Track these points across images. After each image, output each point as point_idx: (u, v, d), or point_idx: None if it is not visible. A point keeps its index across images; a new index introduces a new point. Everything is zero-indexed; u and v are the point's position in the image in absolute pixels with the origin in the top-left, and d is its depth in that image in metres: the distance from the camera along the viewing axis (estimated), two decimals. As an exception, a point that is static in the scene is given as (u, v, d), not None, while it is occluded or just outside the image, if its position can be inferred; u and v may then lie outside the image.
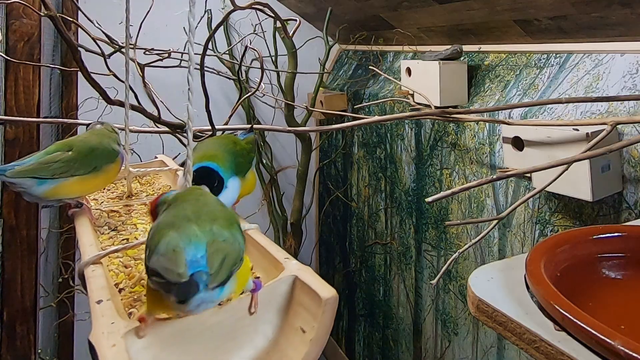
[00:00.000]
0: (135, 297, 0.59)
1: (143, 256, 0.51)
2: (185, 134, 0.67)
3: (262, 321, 0.53)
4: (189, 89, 0.60)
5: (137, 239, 0.69)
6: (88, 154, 0.75)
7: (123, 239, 0.71)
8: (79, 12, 1.64)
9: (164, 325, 0.50)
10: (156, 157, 1.11)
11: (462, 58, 1.32)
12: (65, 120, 1.50)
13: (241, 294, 0.53)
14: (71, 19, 1.42)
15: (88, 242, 0.66)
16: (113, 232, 0.73)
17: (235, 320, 0.52)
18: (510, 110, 1.13)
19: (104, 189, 0.93)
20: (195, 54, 0.60)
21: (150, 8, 1.52)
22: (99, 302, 0.51)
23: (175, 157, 1.37)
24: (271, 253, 0.62)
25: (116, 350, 0.44)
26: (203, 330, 0.50)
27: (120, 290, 0.59)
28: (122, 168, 0.86)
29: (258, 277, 0.61)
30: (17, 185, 0.70)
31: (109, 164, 0.78)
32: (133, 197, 0.90)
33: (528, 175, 1.02)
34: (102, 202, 0.87)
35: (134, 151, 1.71)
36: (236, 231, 0.50)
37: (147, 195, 0.92)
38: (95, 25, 1.45)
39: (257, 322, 0.53)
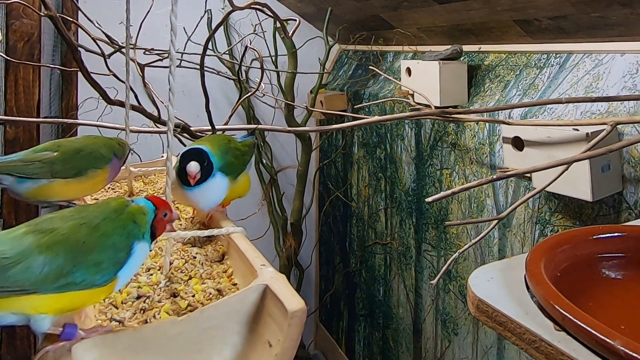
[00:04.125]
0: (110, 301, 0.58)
1: None
2: (185, 134, 0.67)
3: (230, 332, 0.50)
4: (169, 89, 0.59)
5: None
6: (71, 156, 0.73)
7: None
8: (79, 12, 1.64)
9: (118, 336, 0.47)
10: (162, 156, 1.11)
11: (462, 58, 1.32)
12: (65, 120, 1.50)
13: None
14: (71, 19, 1.42)
15: None
16: None
17: (200, 331, 0.49)
18: (510, 110, 1.13)
19: (107, 188, 0.93)
20: (194, 54, 0.60)
21: (150, 8, 1.52)
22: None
23: (177, 155, 1.37)
24: (249, 259, 0.60)
25: None
26: (164, 342, 0.48)
27: None
28: (123, 168, 0.85)
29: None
30: None
31: (95, 170, 0.75)
32: (134, 197, 0.90)
33: (528, 175, 1.02)
34: (102, 202, 0.87)
35: (134, 151, 1.71)
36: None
37: (146, 195, 0.92)
38: (95, 25, 1.45)
39: (225, 333, 0.50)
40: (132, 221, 0.52)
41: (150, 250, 0.55)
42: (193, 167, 0.68)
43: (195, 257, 0.67)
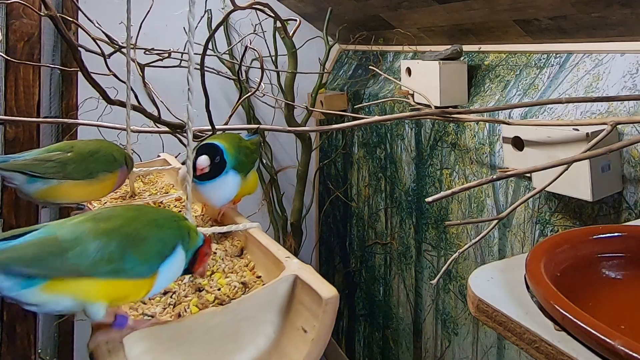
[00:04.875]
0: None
1: None
2: (185, 134, 0.67)
3: (263, 321, 0.53)
4: (188, 89, 0.60)
5: None
6: (85, 157, 0.72)
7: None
8: (79, 12, 1.64)
9: (163, 328, 0.49)
10: (159, 156, 1.11)
11: (462, 58, 1.32)
12: (65, 120, 1.50)
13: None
14: (71, 19, 1.42)
15: None
16: None
17: (236, 321, 0.51)
18: (510, 110, 1.13)
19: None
20: (195, 54, 0.60)
21: (150, 8, 1.52)
22: None
23: (177, 155, 1.37)
24: (272, 252, 0.62)
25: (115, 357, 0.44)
26: (204, 333, 0.50)
27: None
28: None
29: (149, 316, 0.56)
30: (9, 179, 0.68)
31: (106, 173, 0.75)
32: (136, 197, 0.90)
33: (528, 175, 1.02)
34: (105, 202, 0.87)
35: (134, 151, 1.71)
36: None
37: (149, 195, 0.92)
38: (95, 25, 1.45)
39: (258, 322, 0.52)
40: (187, 231, 0.54)
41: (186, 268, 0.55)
42: (202, 160, 0.69)
43: (215, 253, 0.68)
